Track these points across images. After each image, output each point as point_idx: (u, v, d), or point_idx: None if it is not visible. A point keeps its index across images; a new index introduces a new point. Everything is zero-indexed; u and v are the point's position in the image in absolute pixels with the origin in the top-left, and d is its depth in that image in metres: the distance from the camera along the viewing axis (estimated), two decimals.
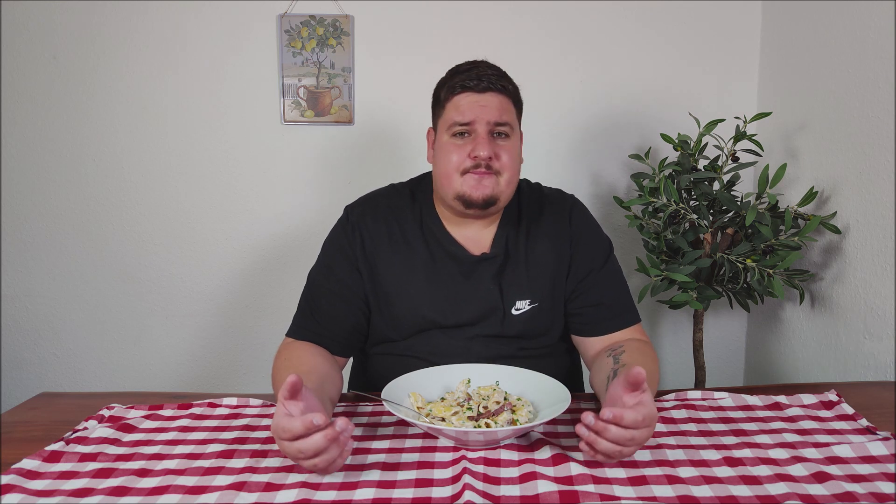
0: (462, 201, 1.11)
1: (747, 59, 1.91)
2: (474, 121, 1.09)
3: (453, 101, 1.11)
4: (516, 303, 1.16)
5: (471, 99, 1.10)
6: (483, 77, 1.10)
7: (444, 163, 1.12)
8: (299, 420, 0.76)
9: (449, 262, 1.17)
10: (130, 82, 1.89)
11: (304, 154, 1.93)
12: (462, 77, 1.11)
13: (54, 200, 1.94)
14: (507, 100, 1.13)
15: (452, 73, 1.15)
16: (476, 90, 1.10)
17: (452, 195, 1.12)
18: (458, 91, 1.11)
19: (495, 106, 1.10)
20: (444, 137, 1.13)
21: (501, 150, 1.11)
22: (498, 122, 1.10)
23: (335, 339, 1.14)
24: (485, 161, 1.09)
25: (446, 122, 1.12)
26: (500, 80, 1.12)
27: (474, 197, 1.10)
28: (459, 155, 1.10)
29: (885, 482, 0.79)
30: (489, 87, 1.10)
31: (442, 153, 1.13)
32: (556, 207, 1.23)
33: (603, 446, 0.80)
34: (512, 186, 1.14)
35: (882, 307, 1.40)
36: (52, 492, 0.79)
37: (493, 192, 1.11)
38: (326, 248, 1.22)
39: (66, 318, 1.99)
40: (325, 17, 1.86)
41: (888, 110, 1.38)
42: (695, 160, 1.63)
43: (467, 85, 1.10)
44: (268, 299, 1.99)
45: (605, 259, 1.22)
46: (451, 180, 1.11)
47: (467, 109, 1.10)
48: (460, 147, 1.11)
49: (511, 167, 1.12)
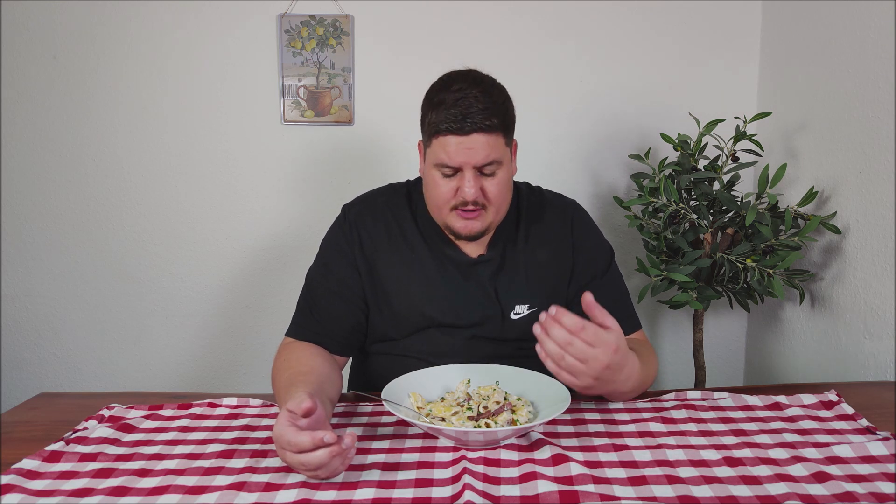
0: (451, 233, 1.14)
1: (747, 59, 1.91)
2: (460, 165, 1.06)
3: (439, 141, 1.07)
4: (515, 307, 1.16)
5: (455, 141, 1.04)
6: (468, 116, 1.03)
7: (432, 194, 1.11)
8: (308, 436, 0.76)
9: (447, 262, 1.17)
10: (130, 82, 1.89)
11: (304, 154, 1.93)
12: (446, 115, 1.04)
13: (54, 200, 1.94)
14: (495, 135, 1.06)
15: (438, 102, 1.06)
16: (460, 133, 1.04)
17: (442, 224, 1.15)
18: (442, 132, 1.06)
19: (481, 147, 1.05)
20: (431, 170, 1.10)
21: (488, 184, 1.09)
22: (485, 163, 1.06)
23: (334, 338, 1.15)
24: (472, 200, 1.08)
25: (432, 157, 1.09)
26: (486, 118, 1.04)
27: (462, 233, 1.12)
28: (447, 191, 1.09)
29: (885, 482, 0.79)
30: (474, 129, 1.04)
31: (430, 183, 1.11)
32: (557, 213, 1.23)
33: (548, 346, 0.89)
34: (501, 213, 1.14)
35: (882, 307, 1.40)
36: (52, 492, 0.79)
37: (481, 227, 1.11)
38: (324, 247, 1.22)
39: (66, 318, 1.99)
40: (325, 17, 1.86)
41: (888, 110, 1.38)
42: (695, 160, 1.63)
43: (451, 128, 1.04)
44: (268, 299, 1.99)
45: (608, 266, 1.22)
46: (440, 212, 1.12)
47: (454, 153, 1.05)
48: (447, 183, 1.09)
49: (499, 197, 1.10)
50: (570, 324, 0.88)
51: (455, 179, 1.08)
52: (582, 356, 0.89)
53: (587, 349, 0.89)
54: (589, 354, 0.89)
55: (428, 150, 1.11)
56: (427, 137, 1.11)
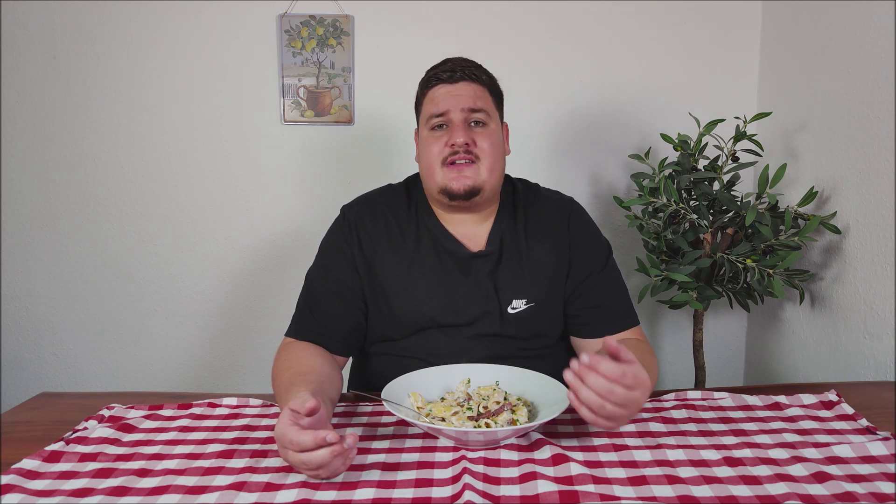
0: (446, 194, 1.13)
1: (747, 59, 1.91)
2: (448, 110, 1.12)
3: (428, 95, 1.15)
4: (513, 301, 1.16)
5: (444, 90, 1.13)
6: (455, 69, 1.14)
7: (425, 156, 1.15)
8: (310, 435, 0.76)
9: (446, 258, 1.17)
10: (130, 82, 1.89)
11: (304, 154, 1.93)
12: (434, 70, 1.16)
13: (54, 200, 1.94)
14: (482, 88, 1.15)
15: (429, 70, 1.18)
16: (449, 81, 1.13)
17: (436, 189, 1.14)
18: (432, 84, 1.15)
19: (469, 94, 1.13)
20: (423, 132, 1.17)
21: (479, 136, 1.13)
22: (472, 108, 1.12)
23: (334, 338, 1.15)
24: (462, 147, 1.10)
25: (424, 116, 1.16)
26: (473, 70, 1.15)
27: (455, 188, 1.12)
28: (438, 146, 1.13)
29: (885, 482, 0.79)
30: (462, 77, 1.14)
31: (423, 148, 1.17)
32: (554, 210, 1.23)
33: (584, 395, 0.82)
34: (495, 174, 1.15)
35: (882, 307, 1.40)
36: (52, 492, 0.79)
37: (474, 183, 1.12)
38: (324, 248, 1.22)
39: (66, 318, 1.99)
40: (325, 17, 1.86)
41: (888, 110, 1.38)
42: (695, 160, 1.63)
43: (440, 77, 1.14)
44: (268, 299, 1.99)
45: (605, 261, 1.22)
46: (433, 173, 1.14)
47: (441, 100, 1.13)
48: (439, 139, 1.13)
49: (491, 154, 1.13)
50: (609, 371, 0.82)
51: (445, 133, 1.13)
52: (623, 401, 0.83)
53: (628, 394, 0.83)
54: (630, 399, 0.83)
55: (420, 117, 1.18)
56: (419, 106, 1.19)
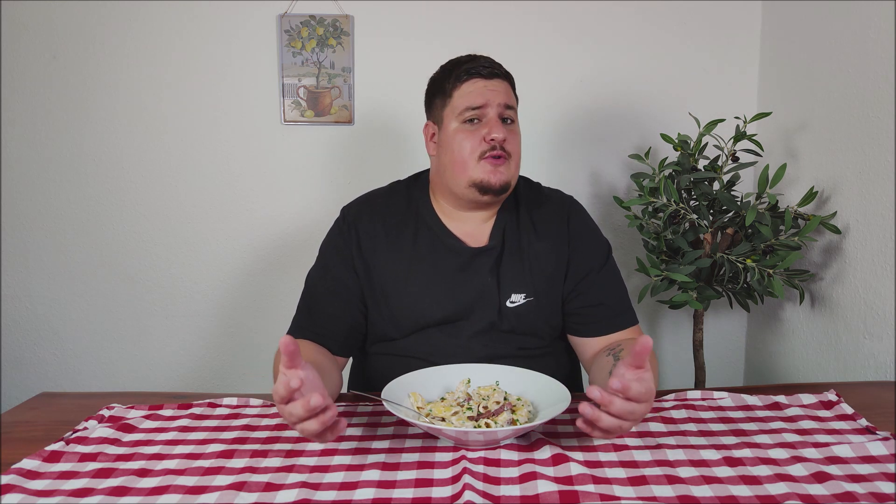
0: (478, 188, 1.12)
1: (747, 59, 1.90)
2: (486, 104, 1.12)
3: (461, 89, 1.13)
4: (511, 295, 1.16)
5: (479, 84, 1.13)
6: (488, 64, 1.14)
7: (457, 150, 1.13)
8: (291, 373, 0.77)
9: (447, 255, 1.17)
10: (130, 82, 1.89)
11: (304, 154, 1.93)
12: (468, 65, 1.14)
13: (54, 200, 1.94)
14: (510, 87, 1.17)
15: (454, 64, 1.17)
16: (484, 76, 1.13)
17: (467, 182, 1.12)
18: (465, 78, 1.13)
19: (503, 90, 1.14)
20: (452, 125, 1.14)
21: (510, 134, 1.14)
22: (507, 104, 1.13)
23: (335, 338, 1.15)
24: (500, 143, 1.11)
25: (455, 109, 1.13)
26: (503, 68, 1.17)
27: (492, 182, 1.11)
28: (473, 140, 1.12)
29: (885, 482, 0.79)
30: (495, 74, 1.14)
31: (453, 142, 1.13)
32: (554, 208, 1.23)
33: (606, 423, 0.80)
34: (518, 172, 1.18)
35: (882, 307, 1.40)
36: (52, 492, 0.79)
37: (507, 178, 1.13)
38: (324, 249, 1.23)
39: (66, 318, 1.99)
40: (325, 17, 1.86)
41: (888, 110, 1.38)
42: (695, 160, 1.63)
43: (475, 71, 1.13)
44: (268, 299, 1.99)
45: (604, 260, 1.22)
46: (465, 167, 1.12)
47: (478, 94, 1.12)
48: (473, 133, 1.12)
49: (517, 150, 1.16)
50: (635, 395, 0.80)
51: (480, 127, 1.12)
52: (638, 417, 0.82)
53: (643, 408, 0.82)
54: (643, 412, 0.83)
55: (447, 110, 1.15)
56: (446, 97, 1.15)
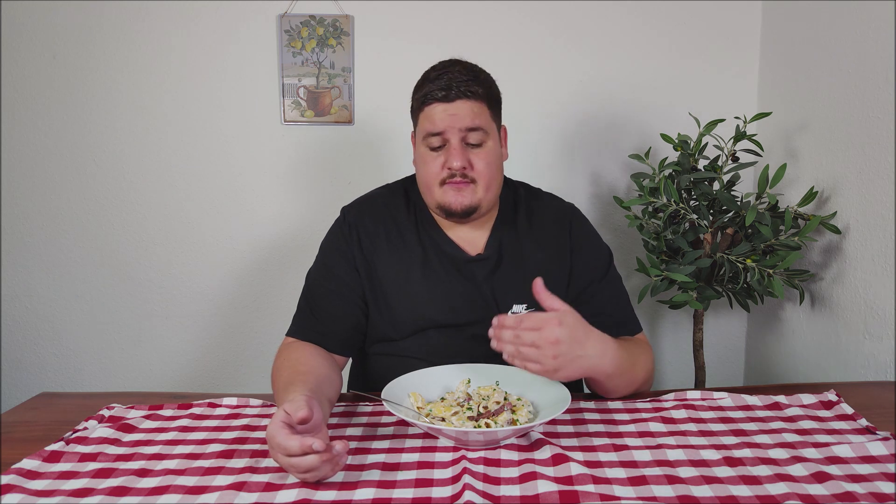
0: (443, 211, 1.14)
1: (747, 59, 1.91)
2: (445, 130, 1.10)
3: (425, 112, 1.12)
4: (513, 307, 1.16)
5: (440, 109, 1.10)
6: (452, 85, 1.09)
7: (422, 173, 1.15)
8: (297, 441, 0.76)
9: (445, 260, 1.17)
10: (130, 82, 1.89)
11: (304, 154, 1.93)
12: (431, 86, 1.10)
13: (54, 200, 1.94)
14: (479, 103, 1.11)
15: (424, 78, 1.13)
16: (445, 100, 1.09)
17: (434, 205, 1.15)
18: (428, 102, 1.11)
19: (465, 113, 1.09)
20: (420, 148, 1.15)
21: (476, 157, 1.12)
22: (470, 127, 1.09)
23: (335, 337, 1.15)
24: (459, 171, 1.10)
25: (420, 132, 1.14)
26: (470, 86, 1.09)
27: (454, 207, 1.12)
28: (435, 166, 1.12)
29: (885, 482, 0.79)
30: (458, 96, 1.09)
31: (420, 163, 1.16)
32: (555, 216, 1.23)
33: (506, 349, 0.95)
34: (492, 191, 1.15)
35: (882, 307, 1.40)
36: (52, 492, 0.79)
37: (471, 202, 1.12)
38: (324, 248, 1.23)
39: (66, 318, 1.99)
40: (325, 17, 1.86)
41: (888, 110, 1.38)
42: (695, 160, 1.63)
43: (436, 95, 1.09)
44: (268, 299, 1.99)
45: (606, 269, 1.22)
46: (430, 190, 1.14)
47: (438, 120, 1.10)
48: (435, 158, 1.12)
49: (487, 173, 1.12)
50: (510, 322, 0.94)
51: (443, 153, 1.12)
52: (531, 341, 0.92)
53: (534, 334, 0.92)
54: (537, 338, 0.92)
55: (417, 129, 1.16)
56: (415, 117, 1.16)
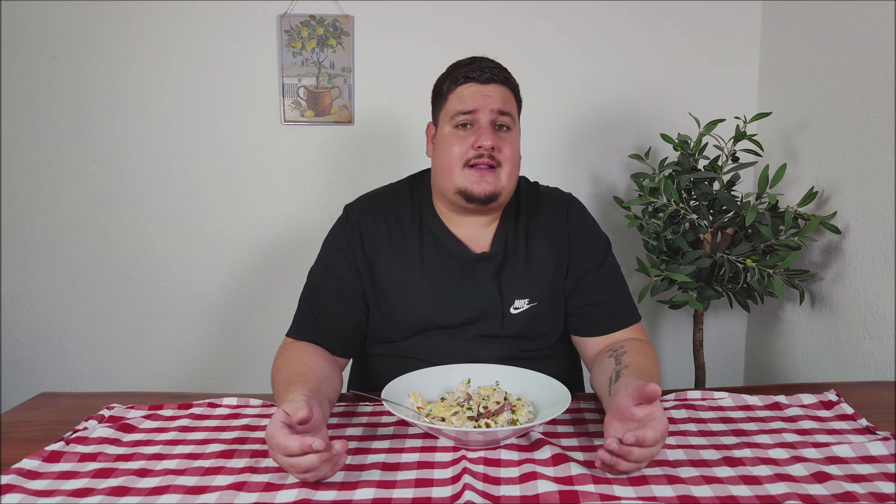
0: (463, 196, 1.11)
1: (747, 59, 1.91)
2: (477, 109, 1.10)
3: (456, 92, 1.12)
4: (515, 301, 1.16)
5: (474, 89, 1.11)
6: (486, 69, 1.12)
7: (445, 154, 1.12)
8: (297, 441, 0.76)
9: (449, 260, 1.17)
10: (130, 82, 1.89)
11: (304, 154, 1.93)
12: (465, 69, 1.13)
13: (54, 200, 1.94)
14: (509, 92, 1.15)
15: (454, 66, 1.16)
16: (479, 81, 1.11)
17: (453, 189, 1.12)
18: (461, 82, 1.12)
19: (498, 96, 1.12)
20: (445, 129, 1.13)
21: (503, 142, 1.11)
22: (501, 110, 1.11)
23: (336, 338, 1.14)
24: (488, 151, 1.09)
25: (448, 112, 1.13)
26: (503, 73, 1.14)
27: (476, 192, 1.10)
28: (462, 146, 1.10)
29: (885, 482, 0.79)
30: (492, 79, 1.12)
31: (443, 145, 1.13)
32: (553, 206, 1.23)
33: (624, 467, 0.79)
34: (513, 181, 1.14)
35: (882, 307, 1.40)
36: (52, 492, 0.79)
37: (494, 188, 1.11)
38: (326, 247, 1.22)
39: (66, 318, 1.99)
40: (325, 17, 1.86)
41: (888, 110, 1.38)
42: (695, 160, 1.63)
43: (471, 76, 1.12)
44: (268, 299, 1.99)
45: (604, 257, 1.21)
46: (452, 173, 1.11)
47: (470, 99, 1.10)
48: (463, 138, 1.11)
49: (512, 161, 1.13)
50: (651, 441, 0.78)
51: (471, 133, 1.11)
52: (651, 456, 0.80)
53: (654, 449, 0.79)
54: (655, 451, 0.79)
55: (443, 112, 1.15)
56: (442, 101, 1.15)
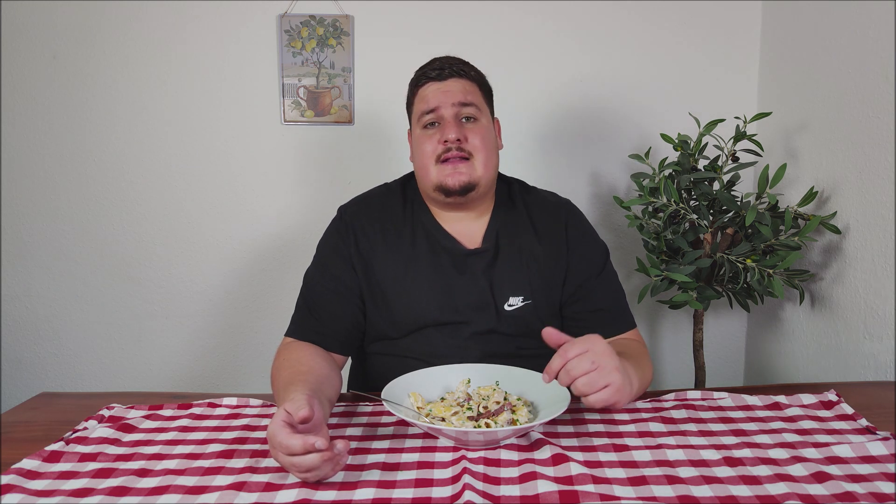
0: (441, 191, 1.14)
1: (747, 59, 1.91)
2: (439, 106, 1.14)
3: (419, 94, 1.17)
4: (509, 298, 1.17)
5: (433, 87, 1.15)
6: (444, 66, 1.16)
7: (419, 155, 1.17)
8: (300, 440, 0.76)
9: (443, 256, 1.18)
10: (130, 82, 1.89)
11: (304, 154, 1.93)
12: (424, 69, 1.18)
13: (54, 200, 1.94)
14: (471, 83, 1.17)
15: (418, 69, 1.20)
16: (438, 79, 1.15)
17: (431, 186, 1.15)
18: (421, 83, 1.17)
19: (458, 89, 1.15)
20: (417, 131, 1.18)
21: (471, 132, 1.14)
22: (463, 101, 1.14)
23: (334, 336, 1.15)
24: (455, 144, 1.12)
25: (416, 115, 1.18)
26: (462, 67, 1.17)
27: (451, 184, 1.13)
28: (431, 144, 1.14)
29: (885, 482, 0.79)
30: (451, 74, 1.16)
31: (416, 147, 1.18)
32: (552, 211, 1.24)
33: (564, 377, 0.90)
34: (490, 169, 1.16)
35: (882, 307, 1.40)
36: (52, 492, 0.79)
37: (470, 178, 1.13)
38: (321, 248, 1.23)
39: (66, 318, 1.99)
40: (325, 17, 1.86)
41: (888, 110, 1.38)
42: (695, 160, 1.63)
43: (429, 75, 1.16)
44: (268, 299, 1.99)
45: (603, 265, 1.23)
46: (427, 171, 1.15)
47: (431, 97, 1.14)
48: (431, 136, 1.15)
49: (484, 149, 1.15)
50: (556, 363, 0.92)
51: (438, 130, 1.14)
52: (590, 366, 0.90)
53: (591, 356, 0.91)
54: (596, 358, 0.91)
55: (412, 117, 1.20)
56: (410, 106, 1.21)
